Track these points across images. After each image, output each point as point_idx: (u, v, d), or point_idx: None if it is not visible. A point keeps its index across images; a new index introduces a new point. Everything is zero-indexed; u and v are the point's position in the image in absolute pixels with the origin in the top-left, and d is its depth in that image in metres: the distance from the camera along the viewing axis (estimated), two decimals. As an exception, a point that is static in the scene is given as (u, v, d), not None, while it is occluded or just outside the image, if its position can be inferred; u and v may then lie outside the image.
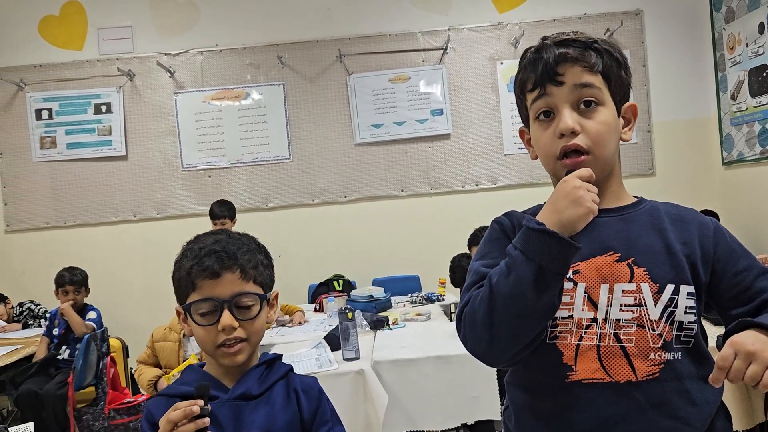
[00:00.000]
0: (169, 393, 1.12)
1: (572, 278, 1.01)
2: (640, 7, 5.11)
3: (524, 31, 5.06)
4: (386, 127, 5.13)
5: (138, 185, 5.15)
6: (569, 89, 1.02)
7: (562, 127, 1.01)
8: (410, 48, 5.14)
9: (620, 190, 1.11)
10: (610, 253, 1.02)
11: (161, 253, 5.11)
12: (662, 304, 0.98)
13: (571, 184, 0.95)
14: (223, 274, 1.12)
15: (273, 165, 5.15)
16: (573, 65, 1.02)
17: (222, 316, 1.10)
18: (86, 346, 3.38)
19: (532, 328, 0.97)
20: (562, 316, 1.01)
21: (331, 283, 4.70)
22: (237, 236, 1.21)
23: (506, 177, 5.13)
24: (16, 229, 5.14)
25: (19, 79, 5.09)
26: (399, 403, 2.60)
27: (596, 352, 0.99)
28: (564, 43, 1.03)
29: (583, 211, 0.93)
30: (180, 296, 1.17)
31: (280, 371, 1.22)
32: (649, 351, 0.97)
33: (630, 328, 0.98)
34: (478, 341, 0.99)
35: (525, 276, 0.93)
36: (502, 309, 0.94)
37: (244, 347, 1.13)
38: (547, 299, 0.94)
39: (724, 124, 4.96)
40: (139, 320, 4.84)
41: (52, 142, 5.12)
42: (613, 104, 1.05)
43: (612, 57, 1.04)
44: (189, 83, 5.15)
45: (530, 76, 1.06)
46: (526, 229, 0.96)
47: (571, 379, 0.99)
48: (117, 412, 3.39)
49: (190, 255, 1.15)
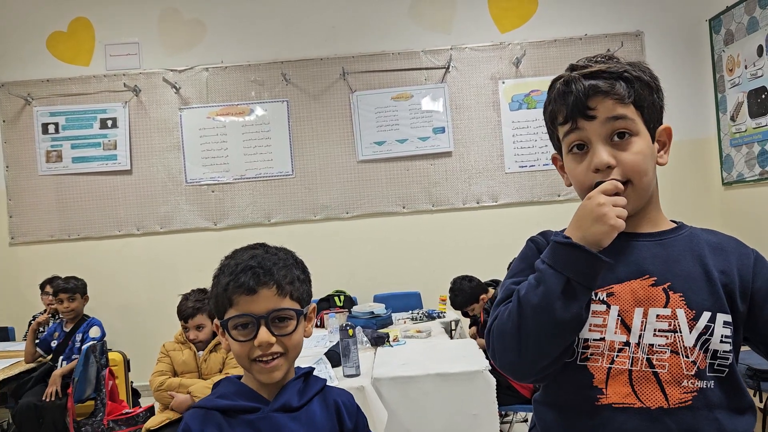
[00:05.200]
0: (206, 405, 1.12)
1: (606, 300, 1.00)
2: (641, 29, 5.18)
3: (526, 51, 5.12)
4: (388, 144, 5.18)
5: (142, 199, 5.19)
6: (601, 123, 1.01)
7: (597, 162, 1.00)
8: (413, 66, 5.20)
9: (658, 215, 1.09)
10: (646, 277, 1.01)
11: (164, 267, 5.15)
12: (697, 331, 0.97)
13: (595, 201, 0.96)
14: (260, 290, 1.11)
15: (276, 181, 5.19)
16: (604, 98, 1.00)
17: (259, 332, 1.10)
18: (85, 359, 3.38)
19: (560, 341, 0.97)
20: (594, 338, 1.00)
21: (333, 299, 4.72)
22: (274, 251, 1.21)
23: (507, 195, 5.17)
24: (21, 242, 5.18)
25: (26, 93, 5.16)
26: (398, 420, 2.60)
27: (628, 377, 0.98)
28: (594, 75, 1.02)
29: (606, 228, 0.94)
30: (218, 312, 1.16)
31: (318, 384, 1.23)
32: (682, 378, 0.96)
33: (663, 354, 0.97)
34: (507, 353, 0.99)
35: (553, 288, 0.94)
36: (530, 320, 0.95)
37: (281, 363, 1.13)
38: (575, 312, 0.94)
39: (724, 145, 5.00)
40: (142, 334, 4.87)
41: (58, 155, 5.18)
42: (647, 131, 1.04)
43: (643, 83, 1.03)
44: (194, 99, 5.21)
45: (561, 110, 1.05)
46: (553, 243, 0.98)
47: (601, 402, 0.98)
48: (116, 423, 3.39)
49: (227, 271, 1.15)
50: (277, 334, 1.12)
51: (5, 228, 5.18)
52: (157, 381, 2.89)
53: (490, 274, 3.98)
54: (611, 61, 1.04)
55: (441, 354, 3.01)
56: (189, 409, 1.17)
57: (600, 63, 1.04)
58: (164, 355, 2.98)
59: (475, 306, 3.72)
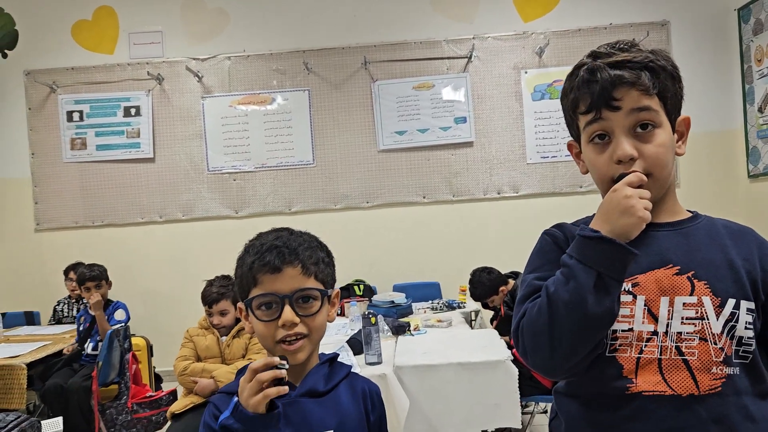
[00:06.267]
0: (231, 390, 1.11)
1: (631, 291, 1.00)
2: (667, 18, 5.10)
3: (549, 40, 5.07)
4: (409, 134, 5.17)
5: (164, 187, 5.24)
6: (625, 114, 1.00)
7: (620, 154, 0.99)
8: (435, 56, 5.18)
9: (675, 205, 1.09)
10: (669, 266, 1.01)
11: (186, 254, 5.20)
12: (724, 318, 0.97)
13: (622, 193, 0.95)
14: (284, 269, 1.11)
15: (297, 170, 5.21)
16: (629, 89, 0.99)
17: (283, 311, 1.09)
18: (109, 343, 3.44)
19: (593, 336, 0.97)
20: (621, 329, 0.99)
21: (352, 288, 4.74)
22: (299, 233, 1.20)
23: (528, 186, 5.14)
24: (46, 228, 5.26)
25: (51, 81, 5.22)
26: (420, 408, 2.61)
27: (657, 366, 0.98)
28: (619, 65, 1.00)
29: (635, 220, 0.94)
30: (242, 292, 1.16)
31: (344, 370, 1.23)
32: (711, 365, 0.96)
33: (692, 342, 0.97)
34: (539, 351, 0.99)
35: (584, 283, 0.93)
36: (562, 317, 0.95)
37: (304, 344, 1.12)
38: (607, 306, 0.94)
39: (751, 137, 4.91)
40: (163, 319, 4.93)
41: (82, 143, 5.24)
42: (669, 122, 1.03)
43: (667, 74, 1.01)
44: (216, 88, 5.24)
45: (584, 98, 1.03)
46: (581, 238, 0.97)
47: (631, 390, 0.98)
48: (140, 405, 3.44)
49: (252, 251, 1.14)
50: (302, 314, 1.11)
51: (31, 214, 5.27)
52: (180, 366, 2.92)
53: (511, 266, 3.96)
54: (634, 50, 1.02)
55: (462, 343, 3.01)
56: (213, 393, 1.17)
57: (624, 51, 1.02)
58: (188, 340, 3.01)
59: (494, 298, 3.71)
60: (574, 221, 1.13)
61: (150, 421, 3.47)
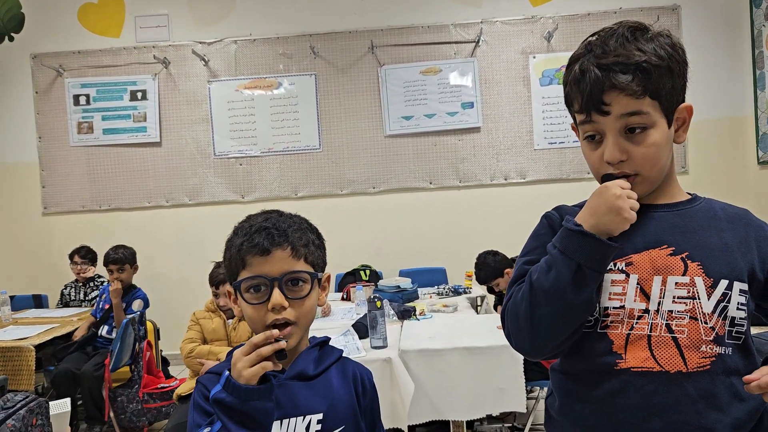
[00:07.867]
0: (219, 371, 1.10)
1: (625, 270, 1.03)
2: (677, 2, 5.03)
3: (558, 25, 5.02)
4: (416, 119, 5.14)
5: (171, 171, 5.25)
6: (615, 118, 1.00)
7: (608, 157, 1.02)
8: (442, 40, 5.14)
9: (674, 187, 1.10)
10: (664, 247, 1.03)
11: (192, 238, 5.22)
12: (715, 298, 0.99)
13: (611, 191, 0.98)
14: (274, 251, 1.09)
15: (303, 155, 5.20)
16: (619, 94, 0.98)
17: (272, 294, 1.08)
18: (124, 329, 3.45)
19: (571, 323, 1.00)
20: (613, 306, 1.02)
21: (358, 273, 4.74)
22: (288, 215, 1.20)
23: (535, 172, 5.12)
24: (53, 212, 5.28)
25: (58, 65, 5.21)
26: (425, 392, 2.63)
27: (647, 342, 1.00)
28: (609, 68, 0.99)
29: (620, 220, 0.97)
30: (231, 275, 1.15)
31: (334, 354, 1.22)
32: (701, 343, 0.98)
33: (682, 320, 0.99)
34: (520, 334, 1.04)
35: (564, 273, 0.97)
36: (542, 304, 0.99)
37: (293, 330, 1.10)
38: (586, 296, 0.98)
39: (761, 123, 4.87)
40: (170, 303, 4.95)
41: (89, 127, 5.24)
42: (664, 118, 1.02)
43: (662, 71, 0.99)
44: (223, 72, 5.22)
45: (576, 97, 1.04)
46: (564, 229, 1.00)
47: (620, 366, 1.00)
48: (151, 396, 3.47)
49: (241, 233, 1.13)
50: (291, 297, 1.10)
51: (38, 198, 5.29)
52: (187, 348, 2.94)
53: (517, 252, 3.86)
54: (630, 45, 1.00)
55: (468, 328, 3.02)
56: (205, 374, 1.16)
57: (617, 49, 1.00)
58: (194, 323, 3.04)
59: (499, 281, 3.70)
60: (575, 203, 1.15)
61: (160, 412, 3.50)
